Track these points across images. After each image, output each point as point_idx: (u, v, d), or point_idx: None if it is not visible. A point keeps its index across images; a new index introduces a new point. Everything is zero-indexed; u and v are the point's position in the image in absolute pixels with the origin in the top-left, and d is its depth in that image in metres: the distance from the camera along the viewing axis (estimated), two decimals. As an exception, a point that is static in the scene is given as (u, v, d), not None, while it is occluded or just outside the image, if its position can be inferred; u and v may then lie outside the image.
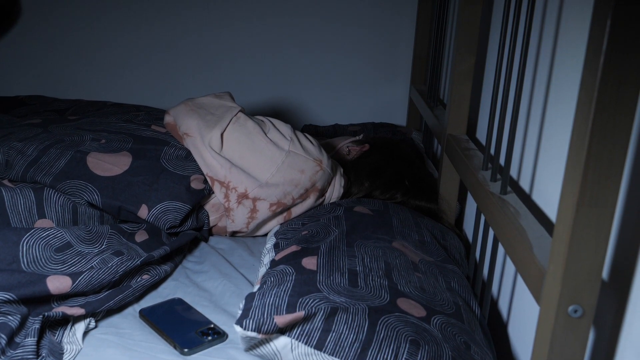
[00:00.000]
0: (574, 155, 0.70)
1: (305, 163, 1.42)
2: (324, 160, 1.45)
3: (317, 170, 1.44)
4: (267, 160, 1.41)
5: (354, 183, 1.56)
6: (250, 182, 1.40)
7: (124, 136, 1.46)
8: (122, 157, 1.39)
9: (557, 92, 1.04)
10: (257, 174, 1.40)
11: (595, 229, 0.70)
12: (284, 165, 1.41)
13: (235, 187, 1.41)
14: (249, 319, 0.93)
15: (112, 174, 1.35)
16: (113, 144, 1.42)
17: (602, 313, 0.85)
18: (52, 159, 1.36)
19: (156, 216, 1.35)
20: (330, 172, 1.47)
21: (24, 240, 1.12)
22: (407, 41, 2.35)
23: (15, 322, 1.00)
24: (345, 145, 1.68)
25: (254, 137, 1.42)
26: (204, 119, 1.46)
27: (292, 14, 2.34)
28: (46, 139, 1.43)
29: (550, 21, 1.10)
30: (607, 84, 0.64)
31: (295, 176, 1.41)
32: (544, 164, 1.10)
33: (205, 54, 2.40)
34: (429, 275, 1.13)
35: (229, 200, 1.42)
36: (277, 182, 1.40)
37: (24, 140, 1.42)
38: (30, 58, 2.42)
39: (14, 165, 1.37)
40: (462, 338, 0.96)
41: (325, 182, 1.47)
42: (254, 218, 1.43)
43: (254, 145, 1.41)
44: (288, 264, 1.10)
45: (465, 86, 1.44)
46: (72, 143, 1.41)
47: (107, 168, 1.36)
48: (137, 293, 1.19)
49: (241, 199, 1.41)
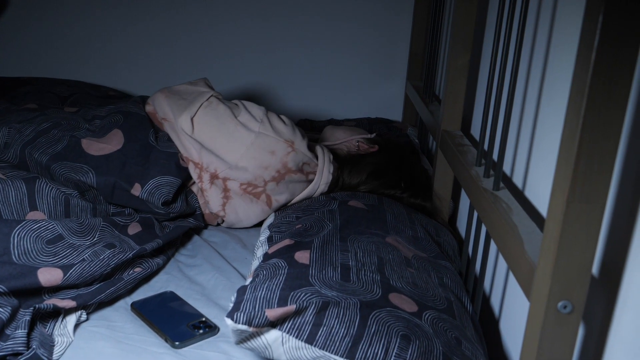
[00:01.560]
0: (565, 151, 0.70)
1: (276, 144, 1.45)
2: (296, 141, 1.47)
3: (289, 152, 1.46)
4: (236, 141, 1.44)
5: (350, 176, 1.56)
6: (220, 163, 1.45)
7: (114, 114, 1.51)
8: (113, 136, 1.44)
9: (551, 89, 1.04)
10: (227, 155, 1.44)
11: (586, 225, 0.70)
12: (253, 147, 1.44)
13: (207, 168, 1.46)
14: (240, 312, 0.92)
15: (105, 152, 1.40)
16: (105, 127, 1.47)
17: (591, 309, 0.85)
18: (49, 141, 1.41)
19: (149, 192, 1.39)
20: (305, 153, 1.48)
21: (15, 232, 1.12)
22: (403, 37, 2.35)
23: (5, 314, 1.00)
24: (356, 140, 1.68)
25: (223, 120, 1.46)
26: (177, 103, 1.52)
27: (288, 10, 2.34)
28: (44, 121, 1.47)
29: (544, 17, 1.10)
30: (599, 80, 0.64)
31: (265, 157, 1.44)
32: (537, 160, 1.10)
33: (203, 49, 2.39)
34: (422, 270, 1.13)
35: (202, 181, 1.47)
36: (247, 164, 1.44)
37: (23, 122, 1.47)
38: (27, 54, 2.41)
39: (12, 145, 1.42)
40: (453, 333, 0.96)
41: (298, 162, 1.48)
42: (228, 198, 1.47)
43: (224, 128, 1.45)
44: (281, 257, 1.10)
45: (460, 82, 1.44)
46: (69, 127, 1.46)
47: (100, 147, 1.41)
48: (129, 286, 1.19)
49: (213, 179, 1.46)
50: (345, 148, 1.66)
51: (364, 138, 1.68)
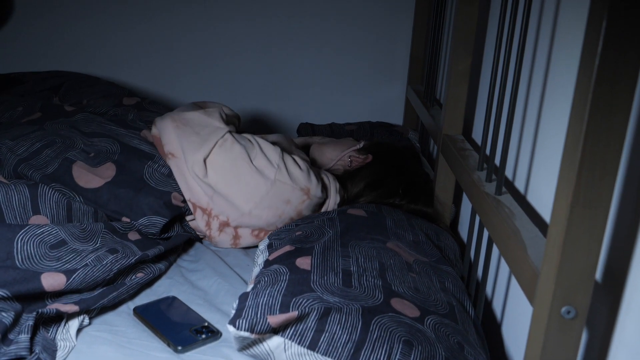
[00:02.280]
0: (568, 157, 0.70)
1: (292, 193, 1.38)
2: (312, 188, 1.40)
3: (304, 200, 1.40)
4: (251, 190, 1.36)
5: (349, 192, 1.55)
6: (233, 211, 1.37)
7: (111, 142, 1.45)
8: (105, 170, 1.38)
9: (553, 93, 1.05)
10: (240, 203, 1.36)
11: (589, 230, 0.70)
12: (268, 196, 1.36)
13: (217, 215, 1.39)
14: (242, 319, 0.92)
15: (93, 185, 1.34)
16: (100, 156, 1.41)
17: (595, 314, 0.85)
18: (41, 163, 1.38)
19: (139, 225, 1.35)
20: (320, 197, 1.43)
21: (19, 236, 1.12)
22: (404, 41, 2.35)
23: (9, 318, 1.00)
24: (347, 155, 1.63)
25: (239, 164, 1.36)
26: (189, 139, 1.39)
27: (289, 12, 2.34)
28: (37, 139, 1.43)
29: (546, 22, 1.10)
30: (602, 86, 0.65)
31: (280, 206, 1.38)
32: (539, 165, 1.10)
33: (203, 51, 2.39)
34: (423, 275, 1.13)
35: (210, 229, 1.40)
36: (261, 213, 1.37)
37: (17, 139, 1.44)
38: (26, 55, 2.42)
39: (5, 163, 1.39)
40: (455, 338, 0.96)
41: (312, 209, 1.43)
42: (237, 244, 1.43)
43: (239, 174, 1.36)
44: (282, 263, 1.10)
45: (462, 86, 1.44)
46: (63, 147, 1.41)
47: (89, 179, 1.35)
48: (131, 291, 1.19)
49: (223, 227, 1.40)
50: (340, 167, 1.63)
51: (354, 150, 1.64)
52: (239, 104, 2.43)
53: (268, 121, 2.45)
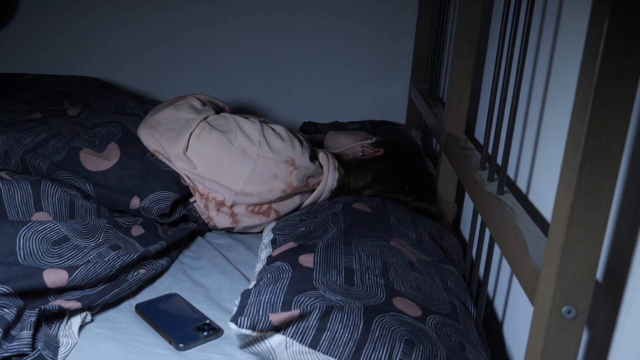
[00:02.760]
0: (569, 157, 0.70)
1: (277, 166, 1.41)
2: (296, 157, 1.43)
3: (291, 171, 1.43)
4: (237, 171, 1.41)
5: (355, 181, 1.56)
6: (226, 191, 1.42)
7: (112, 124, 1.50)
8: (110, 150, 1.42)
9: (555, 93, 1.04)
10: (230, 184, 1.41)
11: (590, 231, 0.70)
12: (254, 174, 1.40)
13: (215, 197, 1.43)
14: (244, 317, 0.93)
15: (102, 168, 1.38)
16: (104, 139, 1.45)
17: (595, 314, 0.85)
18: (48, 152, 1.40)
19: (147, 205, 1.37)
20: (307, 167, 1.45)
21: (21, 233, 1.12)
22: (407, 40, 2.35)
23: (11, 315, 1.00)
24: (360, 145, 1.66)
25: (219, 150, 1.41)
26: (164, 136, 1.45)
27: (292, 10, 2.34)
28: (43, 131, 1.46)
29: (549, 22, 1.10)
30: (604, 86, 0.65)
31: (269, 181, 1.41)
32: (541, 165, 1.10)
33: (205, 48, 2.39)
34: (426, 274, 1.13)
35: (209, 209, 1.44)
36: (251, 190, 1.41)
37: (22, 132, 1.46)
38: (29, 52, 2.42)
39: (12, 154, 1.41)
40: (457, 338, 0.96)
41: (302, 178, 1.45)
42: (237, 223, 1.46)
43: (221, 159, 1.41)
44: (285, 260, 1.10)
45: (465, 86, 1.44)
46: (69, 137, 1.45)
47: (97, 162, 1.39)
48: (133, 287, 1.19)
49: (219, 206, 1.43)
50: (350, 154, 1.65)
51: (368, 142, 1.67)
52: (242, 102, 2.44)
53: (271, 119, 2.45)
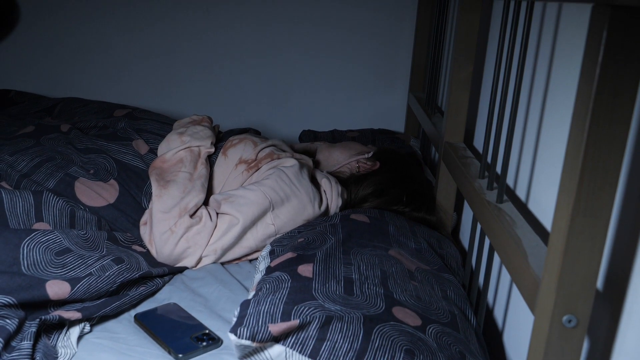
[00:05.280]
0: (569, 165, 0.70)
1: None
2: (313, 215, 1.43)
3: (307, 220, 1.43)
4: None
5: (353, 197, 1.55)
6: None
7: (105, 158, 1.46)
8: (109, 186, 1.41)
9: (554, 101, 1.05)
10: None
11: (590, 239, 0.70)
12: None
13: None
14: (244, 327, 0.92)
15: (97, 204, 1.37)
16: (100, 174, 1.42)
17: (596, 323, 0.85)
18: (42, 178, 1.38)
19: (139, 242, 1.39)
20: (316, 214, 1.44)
21: (25, 242, 1.12)
22: (406, 48, 2.36)
23: (13, 325, 1.00)
24: (355, 161, 1.65)
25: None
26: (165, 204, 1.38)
27: (291, 20, 2.35)
28: (37, 155, 1.45)
29: (547, 31, 1.10)
30: (603, 95, 0.65)
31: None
32: (541, 173, 1.10)
33: (204, 58, 2.40)
34: (425, 283, 1.12)
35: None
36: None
37: (16, 154, 1.45)
38: (28, 61, 2.43)
39: (7, 180, 1.40)
40: (457, 348, 0.96)
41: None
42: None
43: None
44: (284, 270, 1.10)
45: (463, 94, 1.44)
46: (63, 162, 1.43)
47: (93, 197, 1.37)
48: (134, 301, 1.19)
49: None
50: (347, 170, 1.64)
51: (363, 157, 1.65)
52: (241, 111, 2.44)
53: (270, 128, 2.45)
